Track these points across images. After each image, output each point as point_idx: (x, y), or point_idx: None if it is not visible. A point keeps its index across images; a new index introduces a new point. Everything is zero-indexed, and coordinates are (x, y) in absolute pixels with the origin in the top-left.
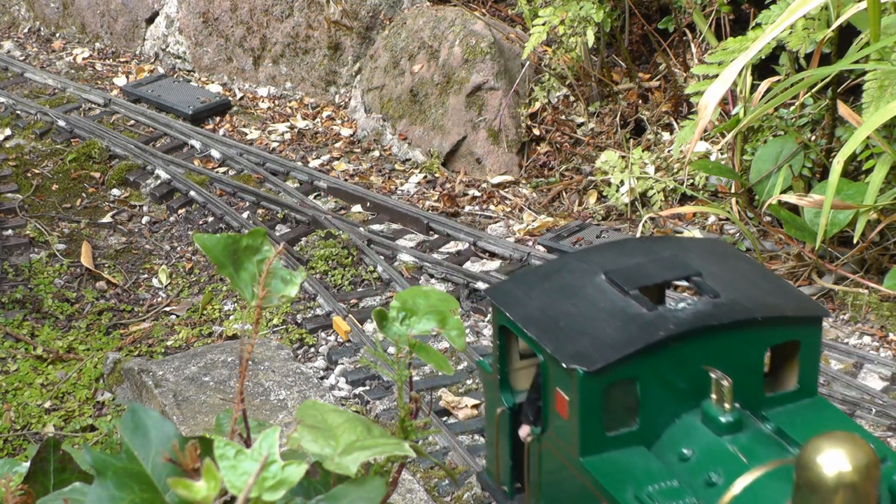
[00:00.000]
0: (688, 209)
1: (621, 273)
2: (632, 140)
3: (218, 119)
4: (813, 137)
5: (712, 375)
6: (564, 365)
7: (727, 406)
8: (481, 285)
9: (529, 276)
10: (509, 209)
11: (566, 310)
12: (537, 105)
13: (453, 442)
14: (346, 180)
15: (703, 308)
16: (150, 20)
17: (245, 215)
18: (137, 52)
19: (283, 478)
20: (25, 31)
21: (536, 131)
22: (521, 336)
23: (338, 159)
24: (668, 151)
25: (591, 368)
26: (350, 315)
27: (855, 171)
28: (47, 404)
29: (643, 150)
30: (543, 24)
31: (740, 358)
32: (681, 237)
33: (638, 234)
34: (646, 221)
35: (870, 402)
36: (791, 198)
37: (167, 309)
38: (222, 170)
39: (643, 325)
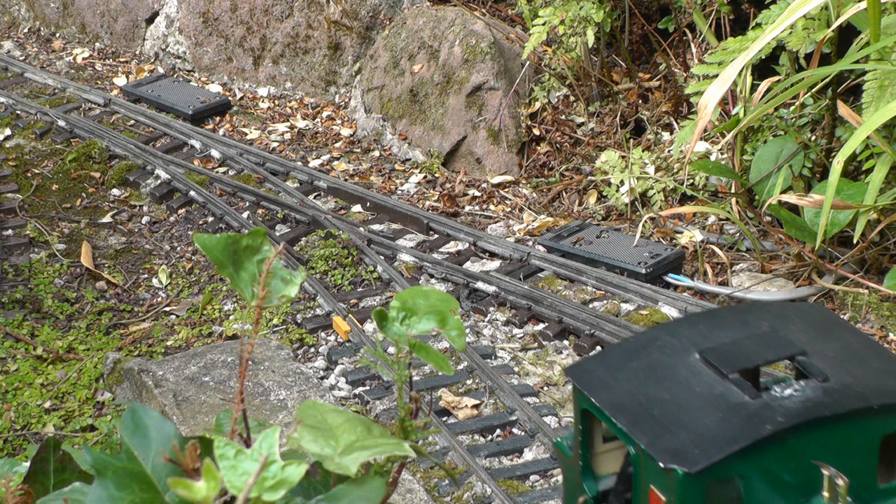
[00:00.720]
0: (688, 209)
1: (718, 352)
2: (632, 140)
3: (218, 119)
4: (813, 137)
5: (825, 472)
6: (662, 464)
7: None
8: (481, 285)
9: (614, 354)
10: (509, 209)
11: (658, 395)
12: (537, 105)
13: (453, 442)
14: (346, 180)
15: (812, 395)
16: (150, 20)
17: (245, 215)
18: (137, 52)
19: (283, 478)
20: (25, 31)
21: (536, 131)
22: (608, 424)
23: (338, 159)
24: (669, 151)
25: (693, 469)
26: (350, 315)
27: (855, 171)
28: (47, 404)
29: (643, 150)
30: (543, 24)
31: (853, 449)
32: (777, 303)
33: (637, 234)
34: (646, 221)
35: None
36: (791, 198)
37: (167, 309)
38: (222, 170)
39: (747, 416)
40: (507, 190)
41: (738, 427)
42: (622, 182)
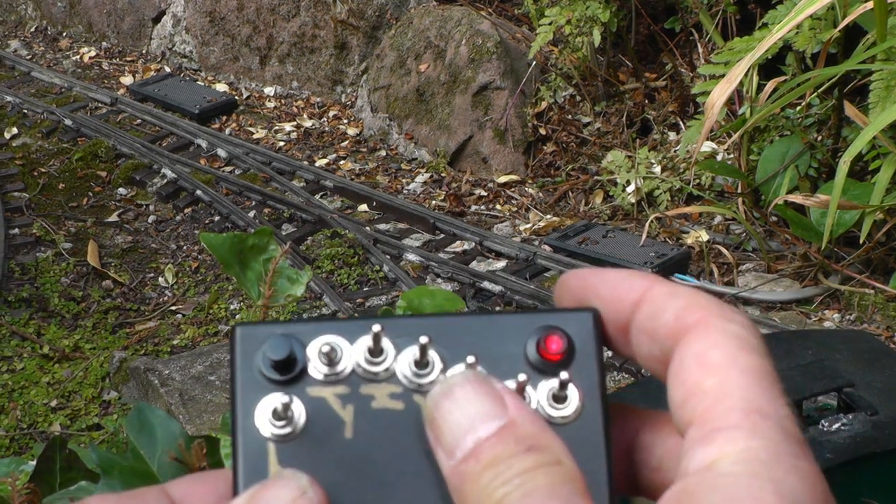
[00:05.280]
0: (694, 209)
1: None
2: (638, 140)
3: (224, 118)
4: (819, 137)
5: None
6: None
7: None
8: (487, 284)
9: (654, 385)
10: (515, 209)
11: None
12: (543, 105)
13: None
14: (352, 179)
15: (861, 430)
16: (157, 19)
17: (251, 214)
18: (144, 52)
19: None
20: (32, 30)
21: (542, 131)
22: None
23: (344, 158)
24: (675, 151)
25: None
26: (356, 314)
27: (861, 172)
28: (53, 403)
29: (649, 150)
30: (550, 24)
31: None
32: (821, 331)
33: (644, 234)
34: (652, 221)
35: None
36: (797, 198)
37: (173, 308)
38: (228, 169)
39: None
40: (513, 189)
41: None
42: (628, 182)
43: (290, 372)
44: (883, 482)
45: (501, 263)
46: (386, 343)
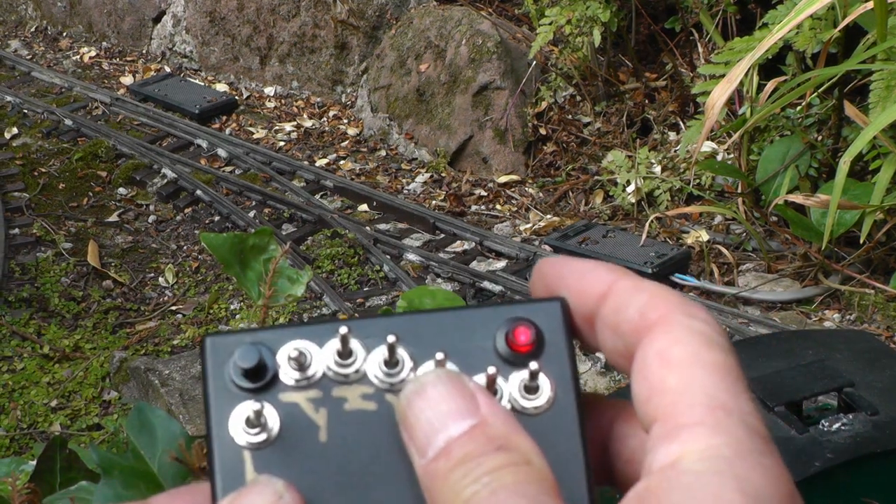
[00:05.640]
0: (694, 209)
1: (761, 384)
2: (638, 140)
3: (224, 118)
4: (819, 137)
5: None
6: None
7: None
8: (487, 284)
9: None
10: (515, 209)
11: None
12: (543, 105)
13: None
14: (352, 179)
15: (861, 430)
16: (157, 19)
17: (251, 214)
18: (144, 52)
19: None
20: (32, 30)
21: (543, 131)
22: None
23: (344, 158)
24: (675, 151)
25: None
26: (356, 314)
27: (861, 171)
28: (54, 403)
29: (649, 150)
30: (550, 24)
31: None
32: (822, 331)
33: (644, 234)
34: (652, 221)
35: None
36: (797, 198)
37: (173, 308)
38: (228, 169)
39: (795, 452)
40: (513, 189)
41: (785, 463)
42: (628, 182)
43: (261, 379)
44: (883, 482)
45: (502, 263)
46: (355, 344)
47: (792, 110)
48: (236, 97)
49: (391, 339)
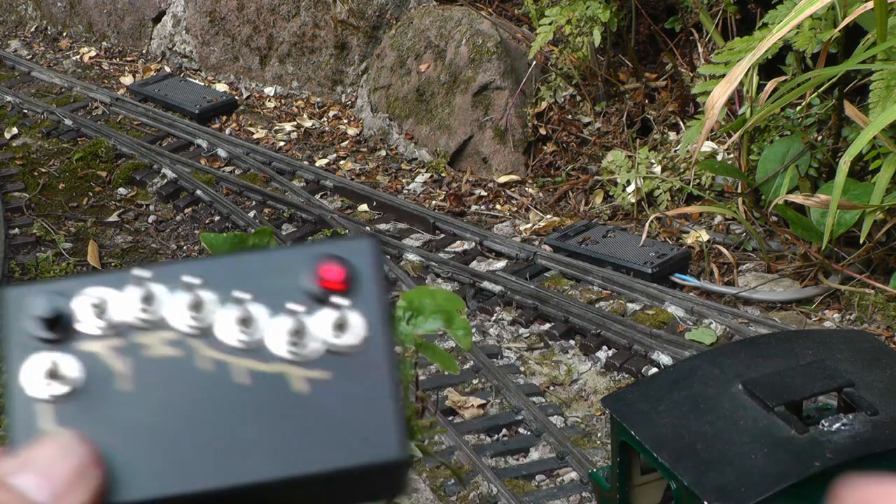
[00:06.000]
0: (694, 209)
1: (762, 384)
2: (638, 140)
3: (224, 118)
4: (819, 137)
5: None
6: (706, 502)
7: None
8: (487, 284)
9: (655, 385)
10: (515, 209)
11: (701, 429)
12: (544, 105)
13: (459, 441)
14: (352, 179)
15: (862, 429)
16: (157, 19)
17: (251, 214)
18: (144, 51)
19: None
20: (32, 30)
21: (543, 131)
22: (649, 459)
23: (344, 158)
24: (675, 151)
25: None
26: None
27: (861, 171)
28: None
29: (649, 150)
30: (550, 24)
31: None
32: (822, 331)
33: (644, 234)
34: (652, 221)
35: None
36: (797, 198)
37: None
38: (228, 169)
39: (795, 452)
40: (513, 189)
41: (785, 464)
42: (628, 182)
43: (60, 329)
44: None
45: (501, 263)
46: (158, 289)
47: (792, 110)
48: (236, 97)
49: (195, 281)
